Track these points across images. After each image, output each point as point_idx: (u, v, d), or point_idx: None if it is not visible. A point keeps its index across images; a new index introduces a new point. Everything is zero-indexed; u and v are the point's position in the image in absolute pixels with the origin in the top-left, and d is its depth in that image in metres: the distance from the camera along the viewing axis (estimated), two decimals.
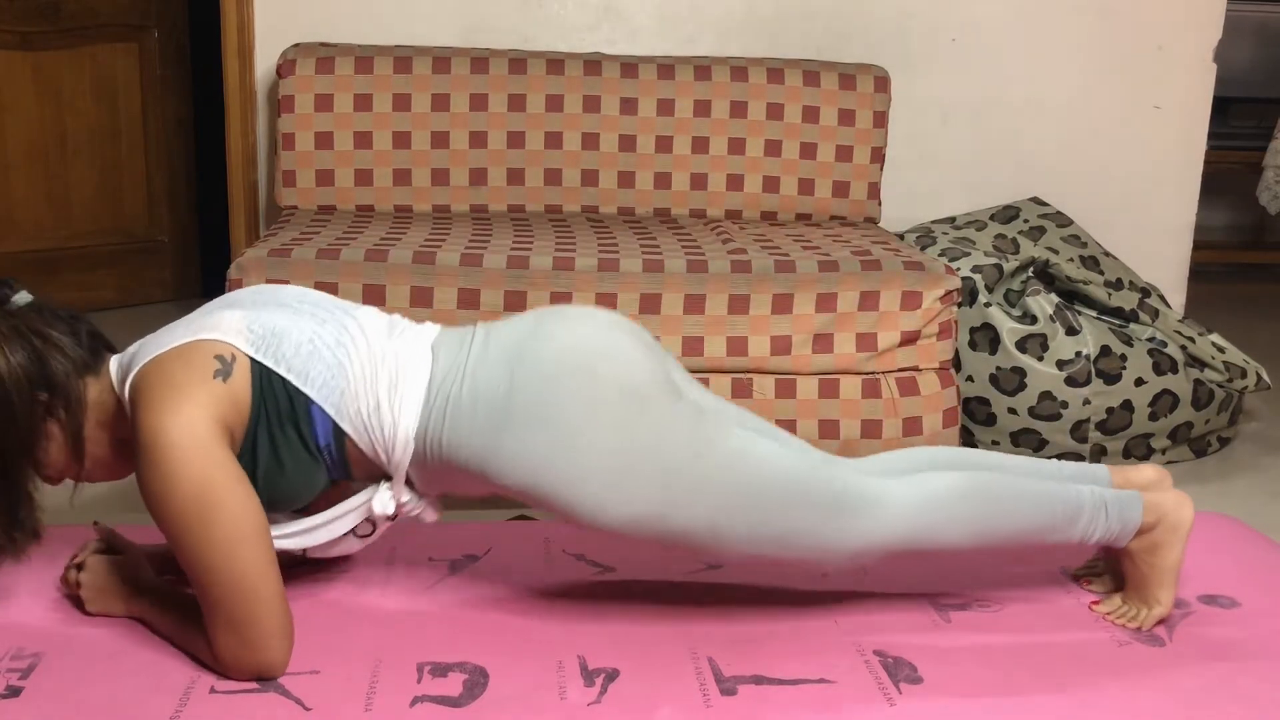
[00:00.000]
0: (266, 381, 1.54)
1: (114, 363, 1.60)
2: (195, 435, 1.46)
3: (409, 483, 1.64)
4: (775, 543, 1.64)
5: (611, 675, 1.60)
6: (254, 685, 1.54)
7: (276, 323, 1.58)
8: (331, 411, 1.57)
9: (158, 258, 3.94)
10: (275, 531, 1.60)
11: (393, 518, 1.66)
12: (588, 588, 1.87)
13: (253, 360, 1.54)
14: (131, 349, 1.59)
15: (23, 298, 1.58)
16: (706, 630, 1.73)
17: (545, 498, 1.59)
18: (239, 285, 2.29)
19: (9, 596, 1.74)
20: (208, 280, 3.99)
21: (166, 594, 1.66)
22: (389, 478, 1.63)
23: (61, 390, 1.52)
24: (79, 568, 1.69)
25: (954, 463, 1.81)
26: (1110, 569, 1.90)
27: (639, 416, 1.60)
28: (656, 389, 1.63)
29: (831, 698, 1.56)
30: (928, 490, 1.70)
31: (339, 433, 1.58)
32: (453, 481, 1.65)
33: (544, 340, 1.61)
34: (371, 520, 1.66)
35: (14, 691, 1.51)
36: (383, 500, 1.63)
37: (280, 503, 1.62)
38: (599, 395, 1.58)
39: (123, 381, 1.55)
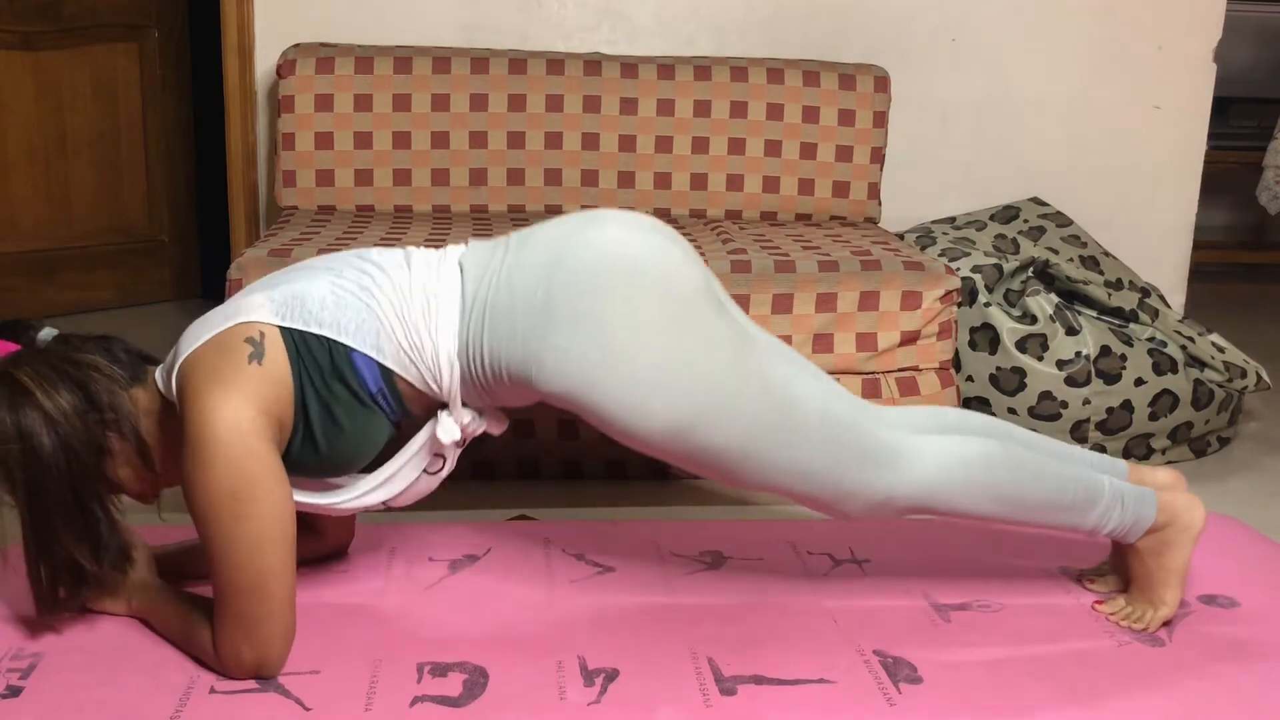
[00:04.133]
0: (303, 345, 1.55)
1: (157, 370, 1.62)
2: (239, 429, 1.47)
3: (466, 405, 1.65)
4: (800, 477, 1.64)
5: (611, 675, 1.60)
6: (254, 685, 1.54)
7: (296, 288, 1.60)
8: (373, 353, 1.57)
9: (158, 258, 3.94)
10: (353, 492, 1.63)
11: (460, 443, 1.65)
12: (588, 588, 1.87)
13: (282, 329, 1.55)
14: (171, 351, 1.61)
15: (48, 334, 1.62)
16: (706, 630, 1.73)
17: (586, 405, 1.57)
18: (239, 285, 2.29)
19: (9, 596, 1.74)
20: (208, 280, 3.99)
21: (168, 594, 1.66)
22: (445, 406, 1.63)
23: (111, 409, 1.55)
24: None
25: (982, 429, 1.81)
26: (1115, 569, 1.90)
27: (683, 324, 1.59)
28: (701, 298, 1.62)
29: (831, 698, 1.56)
30: (955, 454, 1.70)
31: (386, 373, 1.59)
32: (503, 394, 1.64)
33: (584, 243, 1.60)
34: (440, 453, 1.66)
35: (14, 691, 1.51)
36: (446, 428, 1.62)
37: (348, 462, 1.63)
38: (642, 299, 1.57)
39: (168, 381, 1.57)
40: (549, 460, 2.48)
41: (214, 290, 3.67)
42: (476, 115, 2.91)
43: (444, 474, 1.70)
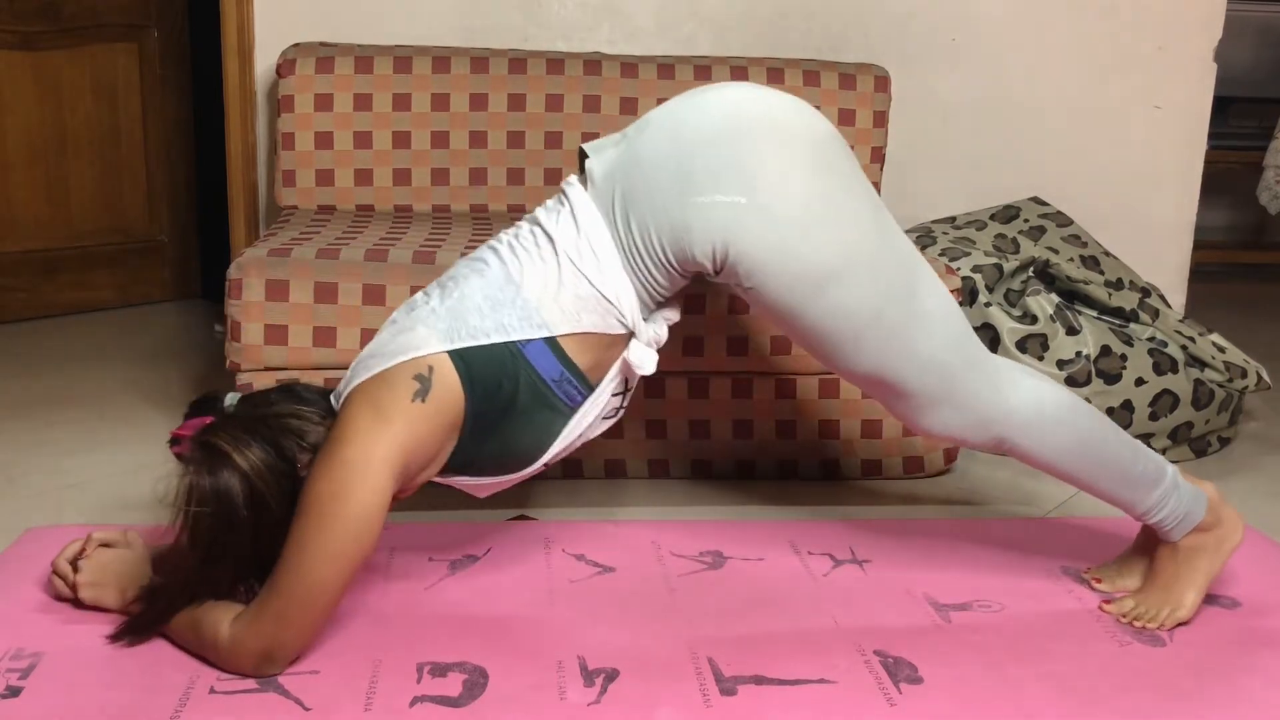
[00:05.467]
0: (475, 359, 1.59)
1: (333, 396, 1.67)
2: (370, 454, 1.52)
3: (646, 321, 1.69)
4: (913, 364, 1.65)
5: (611, 675, 1.60)
6: (254, 685, 1.54)
7: (451, 306, 1.63)
8: (542, 333, 1.60)
9: (157, 257, 3.94)
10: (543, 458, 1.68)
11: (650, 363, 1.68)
12: (588, 588, 1.87)
13: (452, 353, 1.59)
14: (344, 378, 1.66)
15: (232, 399, 1.67)
16: (706, 630, 1.73)
17: (737, 256, 1.58)
18: (239, 285, 2.29)
19: (9, 596, 1.74)
20: (208, 280, 3.99)
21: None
22: (631, 336, 1.67)
23: (306, 452, 1.59)
24: (74, 560, 1.70)
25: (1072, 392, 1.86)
26: (1124, 567, 1.90)
27: (826, 169, 1.61)
28: (840, 150, 1.64)
29: (831, 698, 1.56)
30: (1050, 391, 1.72)
31: (560, 351, 1.62)
32: (675, 281, 1.66)
33: (706, 105, 1.63)
34: (625, 390, 1.71)
35: (14, 691, 1.51)
36: (640, 355, 1.66)
37: (525, 458, 1.68)
38: (780, 141, 1.59)
39: (335, 407, 1.63)
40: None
41: (214, 290, 3.67)
42: (476, 115, 2.91)
43: (617, 418, 1.76)
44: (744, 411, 2.44)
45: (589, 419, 1.70)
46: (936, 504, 2.36)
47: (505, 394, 1.61)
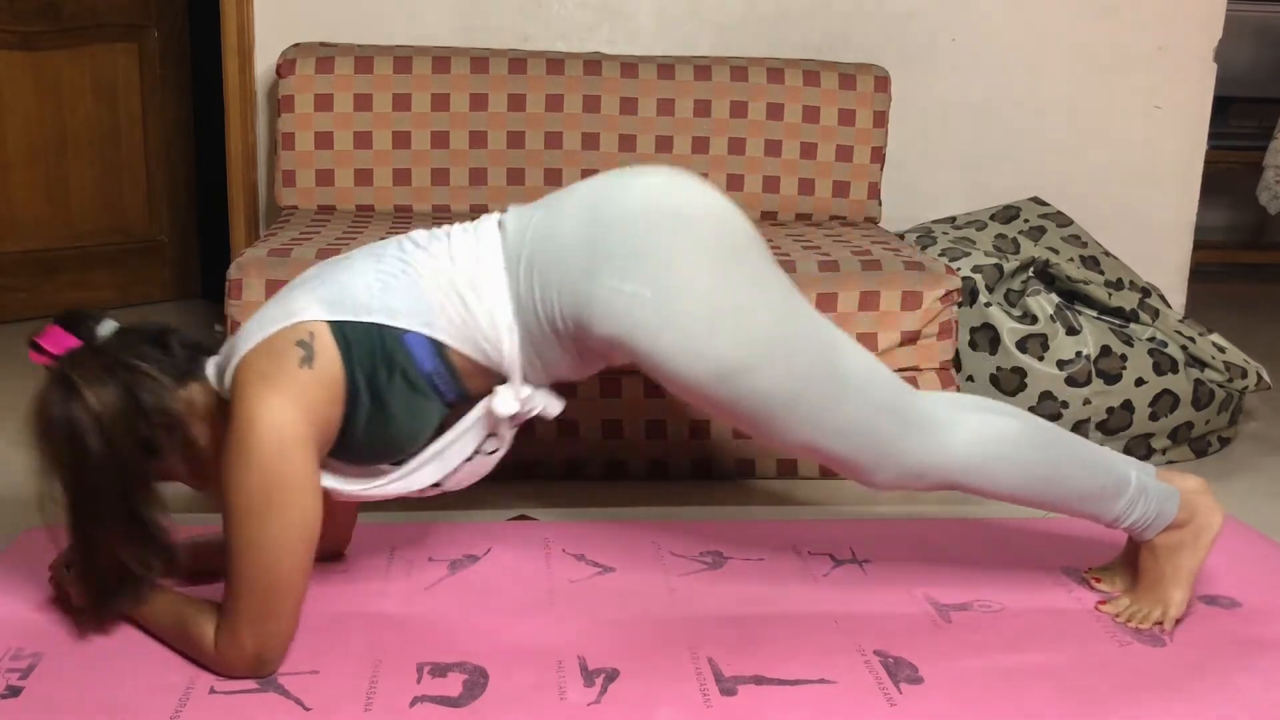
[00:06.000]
0: (354, 336, 1.56)
1: (211, 364, 1.63)
2: (281, 434, 1.49)
3: (525, 381, 1.65)
4: (840, 435, 1.63)
5: (611, 675, 1.60)
6: (254, 685, 1.54)
7: (339, 279, 1.61)
8: (426, 330, 1.58)
9: (157, 257, 3.94)
10: (404, 469, 1.64)
11: (516, 421, 1.65)
12: (588, 588, 1.87)
13: (332, 324, 1.56)
14: (225, 347, 1.63)
15: (107, 327, 1.62)
16: (706, 630, 1.73)
17: (640, 347, 1.56)
18: (239, 285, 2.29)
19: (9, 596, 1.74)
20: (208, 280, 3.99)
21: (158, 590, 1.66)
22: (503, 381, 1.63)
23: (158, 414, 1.56)
24: (69, 564, 1.70)
25: (1010, 414, 1.82)
26: (1123, 566, 1.90)
27: (735, 264, 1.59)
28: (751, 244, 1.62)
29: (831, 698, 1.56)
30: (992, 428, 1.70)
31: (441, 350, 1.59)
32: (563, 359, 1.63)
33: (629, 187, 1.62)
34: (496, 431, 1.66)
35: (14, 691, 1.51)
36: (503, 399, 1.62)
37: (400, 446, 1.63)
38: (694, 237, 1.57)
39: (221, 378, 1.59)
40: (549, 460, 2.48)
41: (214, 290, 3.66)
42: (476, 115, 2.91)
43: (499, 455, 1.71)
44: None
45: (470, 423, 1.64)
46: (936, 504, 2.36)
47: (381, 379, 1.57)
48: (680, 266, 1.55)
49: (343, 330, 1.56)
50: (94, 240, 3.77)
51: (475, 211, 2.95)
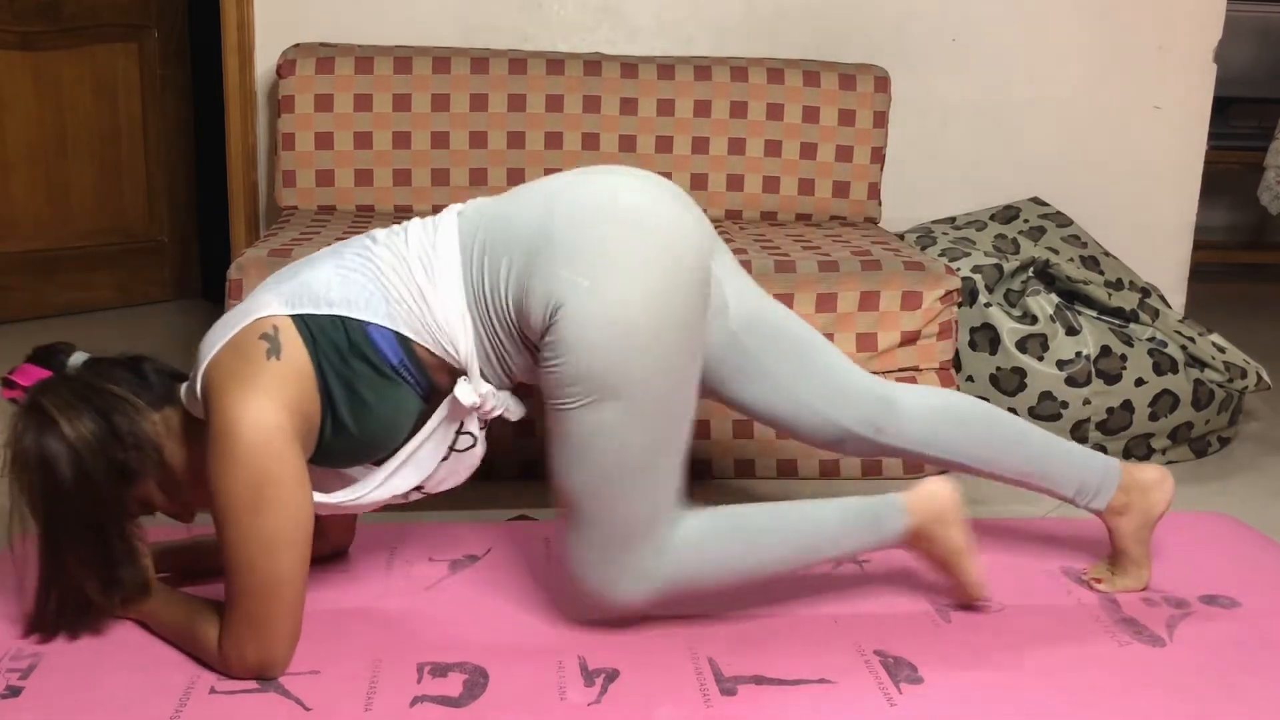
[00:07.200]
0: (317, 329, 1.56)
1: (184, 389, 1.62)
2: (264, 430, 1.47)
3: (485, 379, 1.64)
4: (616, 508, 1.61)
5: (611, 675, 1.60)
6: (254, 685, 1.54)
7: (300, 276, 1.61)
8: (387, 322, 1.57)
9: (157, 258, 3.94)
10: (381, 475, 1.62)
11: (480, 409, 1.64)
12: None
13: (294, 317, 1.56)
14: (195, 364, 1.61)
15: (78, 359, 1.61)
16: (706, 630, 1.73)
17: (564, 335, 1.54)
18: (239, 285, 2.29)
19: (9, 596, 1.74)
20: (208, 280, 3.99)
21: (165, 592, 1.67)
22: (465, 374, 1.62)
23: (134, 441, 1.55)
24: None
25: (973, 413, 1.85)
26: (1117, 568, 1.91)
27: (672, 287, 1.57)
28: (694, 274, 1.60)
29: (831, 698, 1.56)
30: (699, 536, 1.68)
31: (405, 342, 1.58)
32: (514, 355, 1.63)
33: (591, 184, 1.62)
34: (466, 429, 1.65)
35: (14, 691, 1.51)
36: (464, 391, 1.61)
37: (382, 440, 1.62)
38: (644, 244, 1.56)
39: (192, 394, 1.57)
40: (549, 460, 2.48)
41: (214, 290, 3.67)
42: (476, 115, 2.91)
43: (477, 453, 1.70)
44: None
45: (439, 421, 1.63)
46: None
47: (349, 369, 1.56)
48: (621, 268, 1.54)
49: (306, 324, 1.56)
50: (94, 240, 3.77)
51: None
